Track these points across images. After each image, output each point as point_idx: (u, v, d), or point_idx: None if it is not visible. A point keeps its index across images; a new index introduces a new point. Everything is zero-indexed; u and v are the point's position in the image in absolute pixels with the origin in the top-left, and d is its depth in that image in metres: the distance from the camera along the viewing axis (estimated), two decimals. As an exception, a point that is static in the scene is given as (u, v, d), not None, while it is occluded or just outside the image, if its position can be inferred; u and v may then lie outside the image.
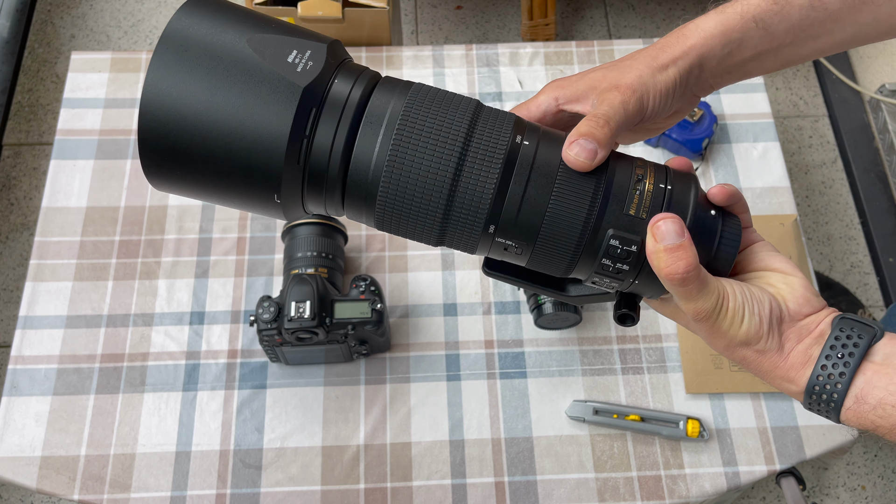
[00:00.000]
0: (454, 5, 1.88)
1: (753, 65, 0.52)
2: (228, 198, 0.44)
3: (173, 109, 0.40)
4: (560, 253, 0.44)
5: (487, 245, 0.45)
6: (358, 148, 0.42)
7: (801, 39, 0.51)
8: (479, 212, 0.43)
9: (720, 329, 0.45)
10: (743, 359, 0.46)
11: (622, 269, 0.44)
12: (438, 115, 0.43)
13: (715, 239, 0.45)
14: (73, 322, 0.92)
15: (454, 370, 0.91)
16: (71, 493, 0.83)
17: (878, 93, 1.64)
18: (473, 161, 0.42)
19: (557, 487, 0.84)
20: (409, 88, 0.44)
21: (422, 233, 0.44)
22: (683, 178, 0.46)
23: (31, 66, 1.76)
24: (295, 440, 0.86)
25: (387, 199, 0.43)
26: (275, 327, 0.80)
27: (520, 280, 0.50)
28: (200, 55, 0.40)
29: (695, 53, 0.49)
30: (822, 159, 1.71)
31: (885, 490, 1.39)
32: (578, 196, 0.43)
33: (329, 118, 0.42)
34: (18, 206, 1.60)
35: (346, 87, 0.43)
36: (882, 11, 0.51)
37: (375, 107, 0.43)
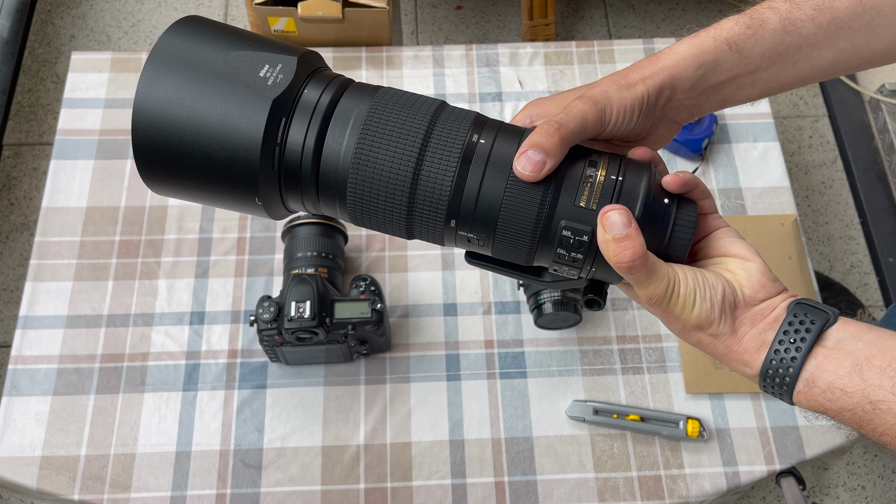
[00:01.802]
0: (454, 5, 1.88)
1: (732, 89, 0.53)
2: (216, 201, 0.48)
3: (161, 122, 0.44)
4: (518, 243, 0.46)
5: (452, 237, 0.48)
6: (327, 147, 0.46)
7: (779, 64, 0.52)
8: (439, 206, 0.46)
9: (673, 313, 0.46)
10: (698, 342, 0.48)
11: (577, 257, 0.46)
12: (401, 115, 0.46)
13: (668, 227, 0.47)
14: (74, 322, 0.92)
15: (454, 370, 0.91)
16: (71, 493, 0.83)
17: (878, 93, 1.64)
18: (432, 158, 0.45)
19: (557, 487, 0.84)
20: (377, 92, 0.47)
21: (392, 226, 0.48)
22: (637, 168, 0.47)
23: (32, 66, 1.76)
24: (295, 440, 0.86)
25: (355, 195, 0.46)
26: (275, 327, 0.80)
27: (498, 267, 0.52)
28: (183, 72, 0.45)
29: (666, 74, 0.50)
30: (822, 159, 1.71)
31: (885, 490, 1.39)
32: (531, 190, 0.45)
33: (300, 121, 0.46)
34: (18, 206, 1.60)
35: (316, 93, 0.46)
36: (859, 37, 0.52)
37: (343, 109, 0.46)
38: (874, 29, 0.52)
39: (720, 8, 1.87)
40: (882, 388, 0.42)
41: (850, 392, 0.43)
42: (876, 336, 0.44)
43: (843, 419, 0.44)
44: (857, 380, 0.43)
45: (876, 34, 0.52)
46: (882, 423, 0.43)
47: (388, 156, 0.45)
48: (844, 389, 0.43)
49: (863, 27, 0.52)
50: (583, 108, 0.47)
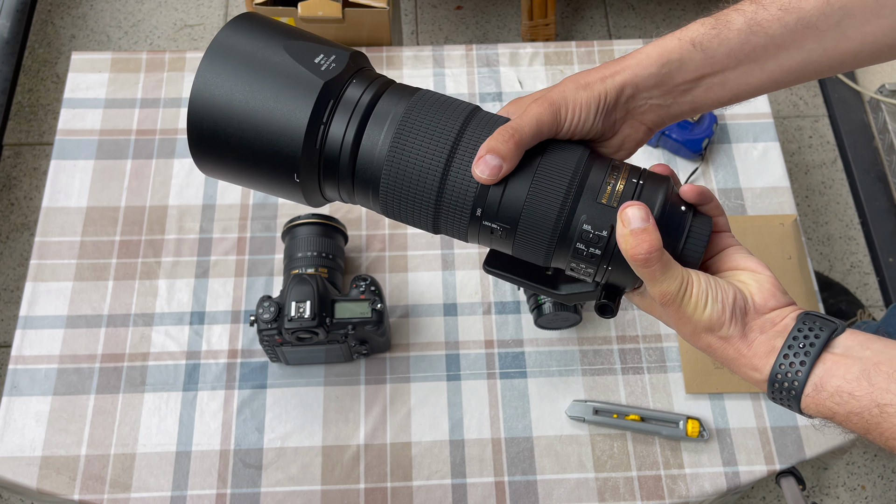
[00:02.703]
0: (454, 5, 1.88)
1: (700, 90, 0.53)
2: (259, 180, 0.51)
3: (216, 102, 0.48)
4: (539, 238, 0.49)
5: (476, 230, 0.50)
6: (364, 143, 0.49)
7: (746, 64, 0.52)
8: (465, 204, 0.49)
9: (685, 313, 0.47)
10: (708, 346, 0.48)
11: (595, 253, 0.48)
12: (434, 118, 0.49)
13: (683, 234, 0.49)
14: (74, 322, 0.92)
15: (454, 370, 0.91)
16: (71, 492, 0.83)
17: (878, 93, 1.64)
18: (461, 162, 0.48)
19: (557, 487, 0.84)
20: (414, 94, 0.50)
21: (419, 219, 0.51)
22: (657, 177, 0.49)
23: (32, 67, 1.76)
24: (295, 440, 0.86)
25: (388, 190, 0.49)
26: (275, 327, 0.80)
27: (516, 278, 0.55)
28: (241, 56, 0.49)
29: (627, 73, 0.51)
30: (822, 159, 1.71)
31: (884, 490, 1.39)
32: (554, 188, 0.48)
33: (342, 115, 0.49)
34: (19, 206, 1.60)
35: (359, 90, 0.50)
36: (828, 38, 0.52)
37: (382, 108, 0.50)
38: (843, 30, 0.52)
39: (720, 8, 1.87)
40: (889, 391, 0.43)
41: (858, 396, 0.44)
42: (884, 345, 0.45)
43: (851, 424, 0.45)
44: (866, 384, 0.44)
45: (845, 35, 0.52)
46: (890, 426, 0.43)
47: (420, 157, 0.48)
48: (852, 393, 0.44)
49: (831, 28, 0.52)
50: (538, 110, 0.49)
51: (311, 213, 0.90)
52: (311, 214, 0.90)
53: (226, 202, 1.00)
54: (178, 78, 1.09)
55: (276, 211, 1.00)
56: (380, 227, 0.99)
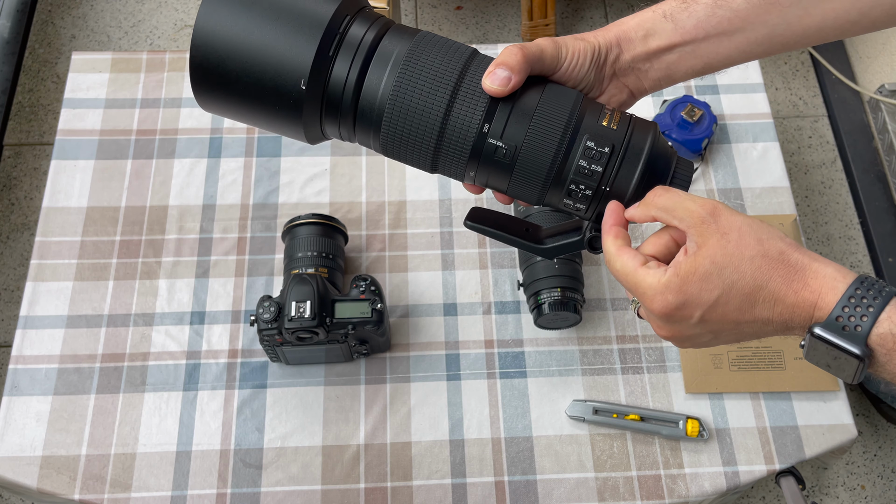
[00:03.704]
0: (454, 5, 1.88)
1: (673, 58, 0.57)
2: (260, 114, 0.51)
3: (218, 32, 0.48)
4: (544, 155, 0.51)
5: (478, 156, 0.51)
6: (367, 83, 0.50)
7: (714, 36, 0.57)
8: (472, 123, 0.50)
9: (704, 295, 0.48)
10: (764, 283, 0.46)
11: (596, 170, 0.51)
12: (437, 59, 0.50)
13: (669, 175, 0.52)
14: (74, 322, 0.92)
15: (454, 370, 0.91)
16: (71, 492, 0.83)
17: (878, 93, 1.65)
18: (464, 99, 0.50)
19: (557, 487, 0.85)
20: (416, 35, 0.51)
21: (418, 158, 0.52)
22: (645, 121, 0.54)
23: (32, 67, 1.77)
24: (295, 440, 0.86)
25: (389, 127, 0.51)
26: (275, 327, 0.80)
27: (498, 233, 0.57)
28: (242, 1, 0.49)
29: (612, 33, 0.57)
30: (822, 159, 1.71)
31: (884, 490, 1.39)
32: (560, 109, 0.51)
33: (345, 55, 0.50)
34: (19, 206, 1.60)
35: (361, 30, 0.50)
36: (791, 13, 0.56)
37: (384, 49, 0.50)
38: (805, 6, 0.56)
39: None
40: None
41: None
42: None
43: None
44: None
45: (808, 11, 0.56)
46: None
47: (422, 97, 0.49)
48: None
49: (793, 4, 0.56)
50: (543, 41, 0.53)
51: (312, 213, 0.90)
52: (311, 214, 0.90)
53: (226, 202, 1.00)
54: (178, 78, 1.09)
55: (277, 211, 1.00)
56: (380, 227, 0.99)
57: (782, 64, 1.83)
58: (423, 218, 1.00)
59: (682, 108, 1.02)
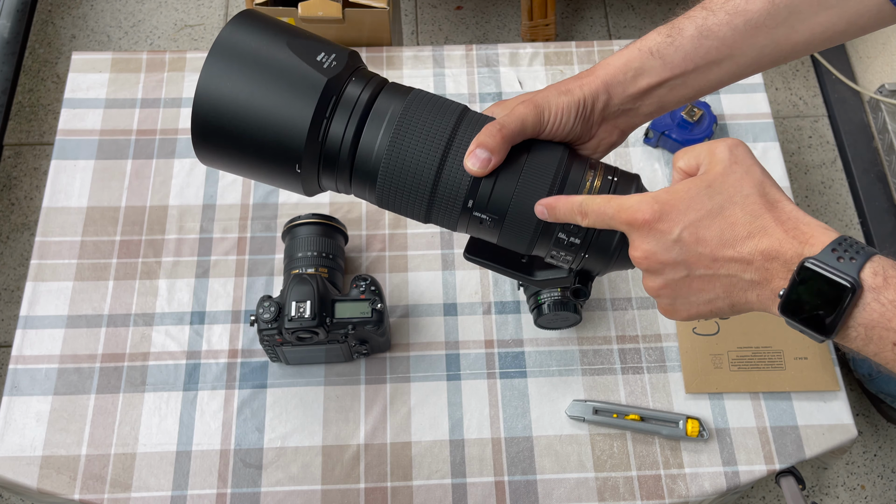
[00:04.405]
0: (454, 5, 1.88)
1: (664, 91, 0.57)
2: (259, 170, 0.54)
3: (220, 96, 0.50)
4: (525, 228, 0.53)
5: (466, 220, 0.54)
6: (364, 139, 0.52)
7: (704, 66, 0.57)
8: (457, 197, 0.53)
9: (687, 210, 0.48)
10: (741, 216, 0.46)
11: (574, 242, 0.53)
12: (430, 117, 0.53)
13: None
14: (74, 322, 0.92)
15: (454, 370, 0.91)
16: (71, 492, 0.83)
17: (878, 93, 1.64)
18: (454, 158, 0.52)
19: (557, 487, 0.85)
20: (409, 93, 0.54)
21: (413, 210, 0.55)
22: (628, 175, 0.55)
23: (32, 67, 1.77)
24: (295, 440, 0.86)
25: (385, 182, 0.53)
26: (275, 327, 0.80)
27: (493, 265, 0.60)
28: (246, 52, 0.51)
29: (599, 80, 0.56)
30: (822, 159, 1.71)
31: (884, 490, 1.39)
32: (540, 184, 0.53)
33: (342, 112, 0.52)
34: (19, 206, 1.60)
35: (357, 89, 0.53)
36: (778, 34, 0.56)
37: (380, 107, 0.53)
38: (792, 24, 0.56)
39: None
40: None
41: None
42: None
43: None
44: None
45: (795, 29, 0.56)
46: None
47: (417, 155, 0.52)
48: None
49: (779, 25, 0.55)
50: (524, 111, 0.53)
51: (312, 214, 0.90)
52: (311, 214, 0.90)
53: (226, 202, 1.00)
54: (178, 78, 1.09)
55: (277, 211, 1.00)
56: (380, 227, 0.99)
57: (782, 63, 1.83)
58: (423, 218, 1.00)
59: (682, 108, 1.02)
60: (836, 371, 0.90)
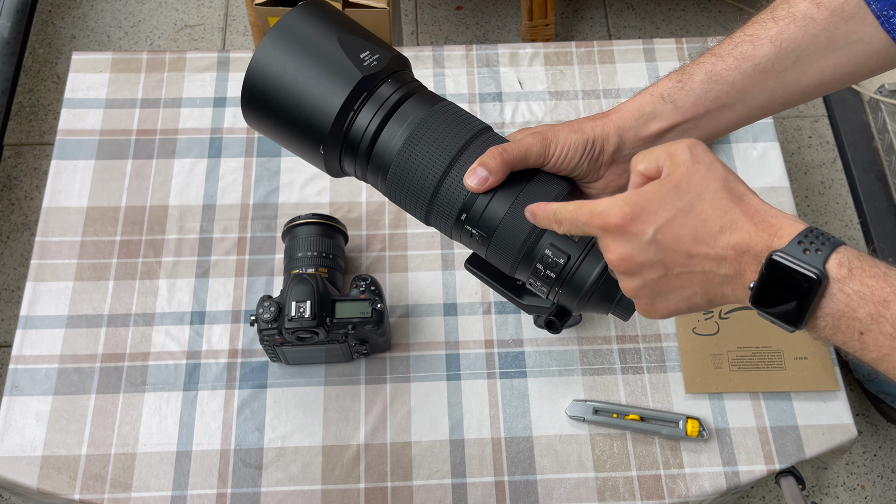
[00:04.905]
0: (454, 5, 1.88)
1: (676, 135, 0.59)
2: (291, 143, 0.59)
3: (270, 71, 0.56)
4: (508, 250, 0.56)
5: (459, 231, 0.58)
6: (384, 135, 0.57)
7: (715, 110, 0.58)
8: (454, 205, 0.57)
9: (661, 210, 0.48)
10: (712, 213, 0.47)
11: (550, 275, 0.56)
12: (447, 128, 0.57)
13: (616, 295, 0.57)
14: (74, 322, 0.92)
15: (454, 370, 0.91)
16: (72, 492, 0.83)
17: (878, 93, 1.65)
18: (459, 169, 0.56)
19: (557, 487, 0.85)
20: (437, 104, 0.58)
21: (415, 209, 0.59)
22: None
23: (32, 67, 1.77)
24: (295, 440, 0.87)
25: (394, 177, 0.57)
26: (275, 327, 0.81)
27: (489, 280, 0.64)
28: (300, 37, 0.56)
29: (611, 124, 0.58)
30: (822, 159, 1.71)
31: (884, 490, 1.39)
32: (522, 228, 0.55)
33: (371, 107, 0.56)
34: (19, 206, 1.60)
35: (391, 89, 0.57)
36: (788, 77, 0.57)
37: (406, 110, 0.57)
38: (801, 68, 0.57)
39: (719, 8, 1.87)
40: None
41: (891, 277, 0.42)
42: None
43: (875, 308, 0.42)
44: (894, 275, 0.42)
45: (804, 72, 0.57)
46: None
47: (425, 160, 0.56)
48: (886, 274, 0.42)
49: (788, 69, 0.57)
50: (530, 141, 0.56)
51: (312, 214, 0.90)
52: (311, 214, 0.90)
53: (226, 202, 1.00)
54: (178, 78, 1.09)
55: (277, 211, 1.00)
56: (380, 227, 0.99)
57: (782, 64, 1.83)
58: (423, 218, 1.00)
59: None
60: (836, 371, 0.90)
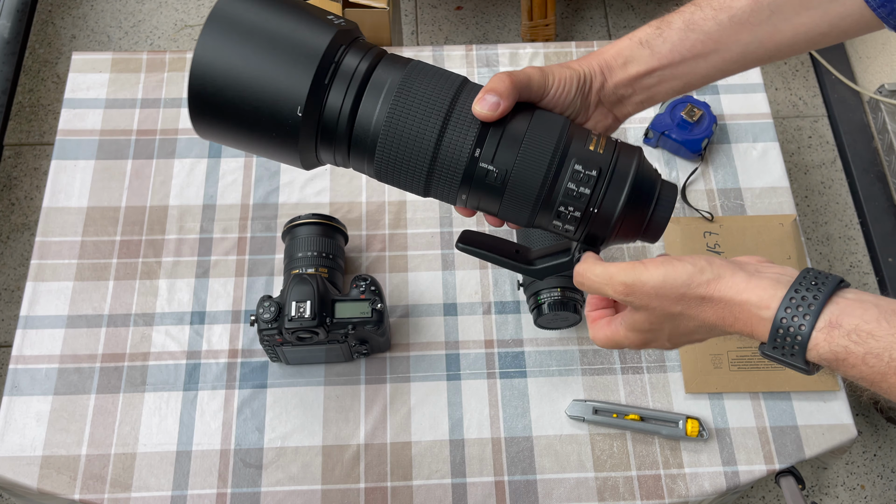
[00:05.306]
0: (454, 5, 1.89)
1: (653, 81, 0.60)
2: (256, 142, 0.52)
3: (217, 67, 0.50)
4: (534, 177, 0.52)
5: (469, 181, 0.52)
6: (362, 111, 0.51)
7: (691, 58, 0.59)
8: (458, 164, 0.52)
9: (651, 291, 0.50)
10: (696, 313, 0.50)
11: (584, 192, 0.52)
12: (429, 87, 0.51)
13: (653, 199, 0.53)
14: (74, 322, 0.92)
15: (454, 370, 0.91)
16: (72, 492, 0.83)
17: (878, 93, 1.65)
18: (455, 124, 0.51)
19: (557, 487, 0.85)
20: (408, 64, 0.53)
21: (411, 183, 0.53)
22: (630, 146, 0.55)
23: (32, 67, 1.77)
24: (295, 440, 0.87)
25: (383, 154, 0.52)
26: (275, 327, 0.81)
27: (489, 254, 0.59)
28: (243, 23, 0.50)
29: (595, 62, 0.59)
30: (822, 159, 1.71)
31: (884, 490, 1.39)
32: (549, 132, 0.52)
33: (339, 85, 0.51)
34: (19, 206, 1.60)
35: (355, 60, 0.52)
36: (762, 31, 0.58)
37: (378, 78, 0.52)
38: (775, 24, 0.58)
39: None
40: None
41: (878, 336, 0.43)
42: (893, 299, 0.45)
43: (865, 367, 0.43)
44: (886, 325, 0.43)
45: (778, 28, 0.58)
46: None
47: (416, 124, 0.51)
48: (872, 333, 0.43)
49: (763, 22, 0.58)
50: (531, 70, 0.55)
51: (312, 214, 0.90)
52: (311, 214, 0.90)
53: (226, 202, 1.00)
54: (178, 78, 1.09)
55: (277, 211, 1.00)
56: (380, 227, 0.99)
57: (782, 64, 1.83)
58: (423, 218, 1.00)
59: (682, 108, 1.02)
60: (835, 371, 0.90)
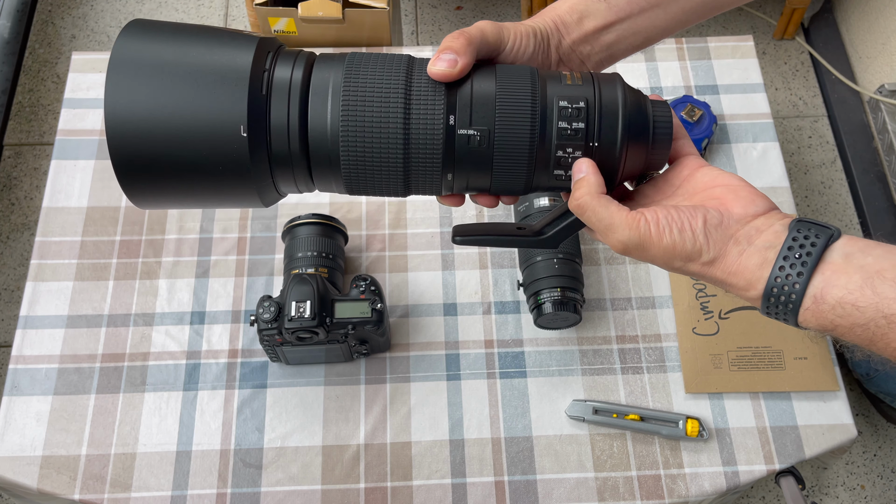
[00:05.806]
0: (454, 5, 1.88)
1: (611, 37, 0.57)
2: (206, 184, 0.46)
3: (136, 116, 0.43)
4: (520, 127, 0.47)
5: (452, 157, 0.47)
6: (312, 118, 0.46)
7: (648, 9, 0.57)
8: (434, 144, 0.46)
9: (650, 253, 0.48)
10: (693, 274, 0.48)
11: (579, 127, 0.47)
12: (376, 74, 0.47)
13: (649, 121, 0.49)
14: (74, 322, 0.92)
15: (454, 370, 0.91)
16: (72, 492, 0.83)
17: (878, 93, 1.65)
18: (418, 104, 0.46)
19: (557, 487, 0.85)
20: (345, 58, 0.48)
21: (388, 181, 0.48)
22: (607, 74, 0.51)
23: (32, 67, 1.77)
24: (295, 440, 0.87)
25: (349, 158, 0.46)
26: (275, 327, 0.81)
27: (492, 238, 0.55)
28: (150, 69, 0.44)
29: (549, 18, 0.56)
30: (822, 159, 1.71)
31: (884, 490, 1.39)
32: (519, 77, 0.48)
33: (279, 101, 0.46)
34: (19, 206, 1.60)
35: (286, 69, 0.46)
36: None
37: (318, 81, 0.47)
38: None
39: (720, 8, 1.87)
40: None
41: (862, 307, 0.42)
42: (885, 250, 0.44)
43: (854, 336, 0.43)
44: (870, 293, 0.42)
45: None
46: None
47: (376, 114, 0.46)
48: (856, 304, 0.42)
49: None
50: (483, 24, 0.52)
51: (312, 214, 0.90)
52: (311, 214, 0.90)
53: (226, 202, 1.00)
54: (178, 78, 1.09)
55: (277, 211, 1.00)
56: (380, 227, 0.99)
57: (782, 64, 1.83)
58: (423, 218, 1.00)
59: (682, 108, 1.02)
60: (835, 371, 0.90)
